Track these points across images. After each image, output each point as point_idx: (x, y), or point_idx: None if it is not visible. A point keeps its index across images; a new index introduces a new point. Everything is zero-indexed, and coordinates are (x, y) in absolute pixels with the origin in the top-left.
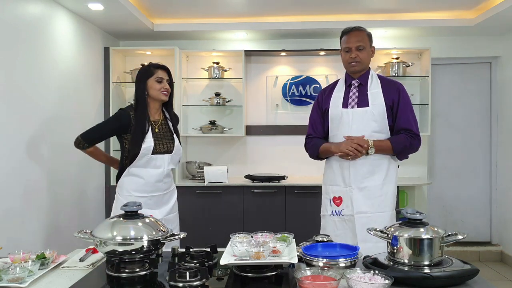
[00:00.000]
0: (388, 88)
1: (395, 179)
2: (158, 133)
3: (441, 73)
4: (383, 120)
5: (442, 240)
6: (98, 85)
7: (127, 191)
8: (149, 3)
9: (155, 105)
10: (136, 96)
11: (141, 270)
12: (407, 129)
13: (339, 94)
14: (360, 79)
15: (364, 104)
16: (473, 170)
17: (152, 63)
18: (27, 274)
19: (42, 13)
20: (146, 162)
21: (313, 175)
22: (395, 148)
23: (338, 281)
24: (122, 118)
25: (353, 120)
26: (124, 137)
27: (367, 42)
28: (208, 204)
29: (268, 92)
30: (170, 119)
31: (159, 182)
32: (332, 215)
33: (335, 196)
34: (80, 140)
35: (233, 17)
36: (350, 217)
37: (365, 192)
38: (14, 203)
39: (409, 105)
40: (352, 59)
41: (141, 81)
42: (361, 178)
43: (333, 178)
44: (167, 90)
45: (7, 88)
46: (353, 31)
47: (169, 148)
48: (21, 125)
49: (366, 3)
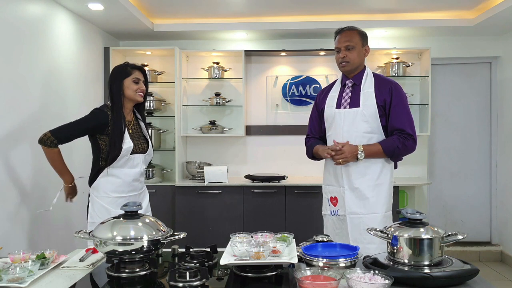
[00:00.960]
0: (381, 88)
1: (389, 180)
2: (132, 133)
3: (441, 73)
4: (374, 120)
5: (442, 240)
6: (98, 85)
7: (104, 192)
8: (149, 3)
9: (128, 105)
10: (112, 96)
11: (141, 270)
12: (399, 130)
13: (334, 94)
14: (354, 79)
15: (355, 105)
16: (473, 170)
17: (128, 62)
18: (27, 274)
19: (42, 13)
20: (124, 163)
21: (313, 175)
22: (385, 150)
23: (338, 281)
24: (100, 117)
25: (345, 121)
26: (99, 138)
27: (358, 42)
28: (208, 204)
29: (268, 92)
30: (142, 119)
31: (136, 182)
32: (331, 214)
33: (332, 196)
34: (48, 137)
35: (233, 17)
36: (344, 217)
37: (357, 193)
38: (14, 203)
39: (402, 104)
40: (341, 59)
41: (117, 80)
42: (353, 179)
43: (329, 178)
44: (142, 91)
45: (7, 88)
46: (343, 31)
47: (143, 148)
48: (20, 125)
49: (366, 3)
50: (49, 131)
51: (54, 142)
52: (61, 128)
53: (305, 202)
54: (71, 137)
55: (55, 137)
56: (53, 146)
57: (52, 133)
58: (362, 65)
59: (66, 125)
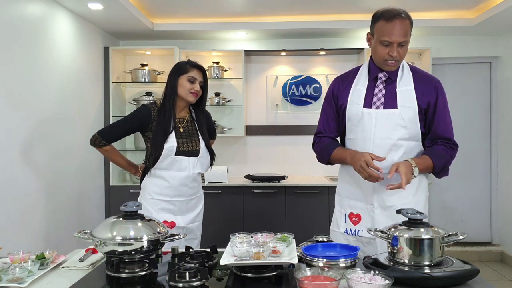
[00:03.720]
0: (422, 86)
1: (425, 196)
2: (183, 132)
3: (441, 73)
4: (414, 126)
5: (443, 240)
6: (97, 85)
7: (149, 194)
8: (149, 3)
9: (181, 103)
10: (165, 91)
11: (140, 271)
12: (446, 139)
13: (360, 88)
14: (389, 72)
15: (391, 105)
16: (474, 170)
17: (190, 60)
18: (27, 274)
19: (42, 13)
20: (169, 164)
21: (313, 175)
22: (436, 165)
23: (338, 281)
24: (141, 114)
25: (377, 124)
26: (146, 135)
27: (410, 34)
28: (208, 204)
29: (268, 92)
30: (196, 119)
31: (184, 187)
32: (346, 233)
33: (353, 212)
34: (96, 137)
35: (233, 17)
36: (370, 241)
37: (390, 213)
38: (13, 203)
39: (447, 108)
40: (391, 58)
41: (173, 76)
42: (386, 195)
43: (351, 190)
44: (197, 92)
45: (7, 88)
46: (397, 18)
47: (194, 148)
48: (20, 125)
49: (366, 3)
50: (97, 132)
51: (102, 142)
52: (107, 128)
53: (305, 202)
54: (117, 136)
55: (102, 138)
56: (103, 146)
57: (99, 133)
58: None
59: (112, 124)
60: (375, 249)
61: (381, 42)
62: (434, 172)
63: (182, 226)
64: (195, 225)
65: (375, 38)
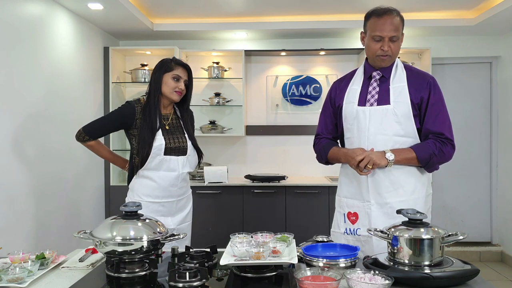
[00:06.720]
0: (416, 82)
1: (425, 194)
2: (169, 129)
3: (441, 73)
4: (408, 121)
5: (443, 240)
6: (97, 85)
7: (137, 195)
8: (149, 3)
9: (166, 101)
10: (149, 88)
11: (140, 271)
12: (437, 133)
13: (355, 88)
14: (383, 71)
15: (385, 102)
16: (474, 170)
17: (175, 58)
18: (27, 274)
19: (41, 13)
20: (158, 164)
21: (313, 175)
22: (419, 157)
23: (338, 281)
24: (125, 110)
25: (370, 121)
26: (131, 133)
27: (401, 31)
28: (208, 204)
29: (268, 92)
30: (181, 118)
31: (173, 187)
32: (345, 233)
33: (350, 211)
34: (80, 133)
35: (233, 17)
36: (367, 239)
37: (386, 210)
38: (13, 203)
39: (441, 104)
40: (383, 52)
41: (158, 73)
42: (383, 192)
43: (349, 189)
44: (181, 91)
45: (6, 88)
46: (387, 14)
47: (181, 145)
48: (19, 125)
49: (366, 3)
50: (81, 128)
51: (86, 137)
52: (91, 124)
53: (305, 202)
54: (102, 132)
55: (86, 133)
56: (87, 141)
57: (83, 129)
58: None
59: (96, 120)
60: (371, 247)
61: (373, 37)
62: (421, 165)
63: (173, 227)
64: (185, 225)
65: (367, 35)
